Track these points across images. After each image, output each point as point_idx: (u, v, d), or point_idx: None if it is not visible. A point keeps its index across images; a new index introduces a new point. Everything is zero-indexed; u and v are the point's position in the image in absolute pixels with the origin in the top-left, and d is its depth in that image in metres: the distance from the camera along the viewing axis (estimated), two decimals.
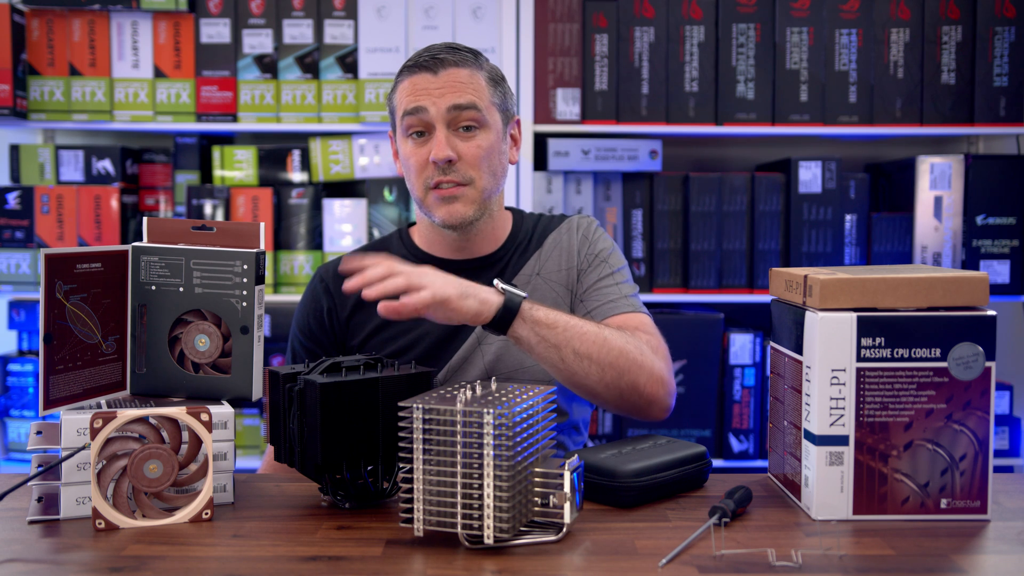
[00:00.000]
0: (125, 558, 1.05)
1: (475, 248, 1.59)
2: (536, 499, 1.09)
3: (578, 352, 1.36)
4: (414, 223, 1.68)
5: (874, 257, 2.47)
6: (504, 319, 1.34)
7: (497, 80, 1.55)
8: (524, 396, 1.10)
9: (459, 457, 1.04)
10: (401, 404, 1.07)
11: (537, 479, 1.08)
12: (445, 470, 1.05)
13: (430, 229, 1.59)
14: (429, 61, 1.50)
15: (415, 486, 1.06)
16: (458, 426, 1.04)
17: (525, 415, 1.07)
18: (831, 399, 1.16)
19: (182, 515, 1.16)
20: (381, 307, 1.27)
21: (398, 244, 1.64)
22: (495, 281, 1.37)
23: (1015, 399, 2.54)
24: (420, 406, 1.05)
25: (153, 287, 1.28)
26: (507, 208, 1.67)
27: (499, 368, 1.53)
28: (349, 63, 2.45)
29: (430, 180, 1.50)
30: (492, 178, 1.53)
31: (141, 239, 1.53)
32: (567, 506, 1.08)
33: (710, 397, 2.45)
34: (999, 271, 2.44)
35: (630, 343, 1.40)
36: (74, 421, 1.17)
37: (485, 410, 1.03)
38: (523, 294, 1.36)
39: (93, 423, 1.12)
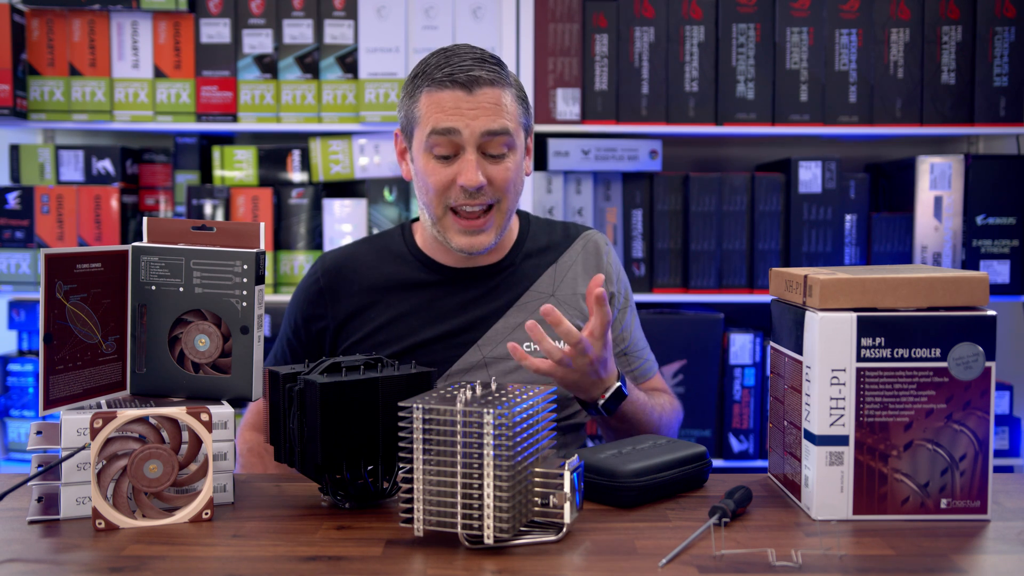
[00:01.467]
0: (125, 558, 1.05)
1: (479, 258, 1.56)
2: (536, 499, 1.09)
3: (640, 425, 1.52)
4: (416, 219, 1.65)
5: (874, 257, 2.47)
6: (615, 401, 1.45)
7: (523, 98, 1.51)
8: (524, 396, 1.10)
9: (459, 457, 1.04)
10: (401, 404, 1.07)
11: (537, 479, 1.08)
12: (445, 470, 1.05)
13: (434, 238, 1.56)
14: (464, 79, 1.43)
15: (415, 486, 1.06)
16: (458, 426, 1.04)
17: (525, 415, 1.07)
18: (831, 399, 1.16)
19: (182, 515, 1.16)
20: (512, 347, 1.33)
21: (399, 241, 1.61)
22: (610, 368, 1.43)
23: (1015, 399, 2.54)
24: (420, 406, 1.05)
25: (153, 287, 1.28)
26: None
27: None
28: (349, 63, 2.45)
29: (451, 201, 1.47)
30: (515, 197, 1.51)
31: (141, 239, 1.53)
32: (567, 506, 1.08)
33: (710, 397, 2.45)
34: (999, 271, 2.44)
35: (671, 417, 1.61)
36: (74, 421, 1.17)
37: (485, 410, 1.03)
38: (626, 392, 1.47)
39: (93, 423, 1.12)
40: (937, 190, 2.45)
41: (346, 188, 2.61)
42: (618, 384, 1.43)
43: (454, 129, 1.43)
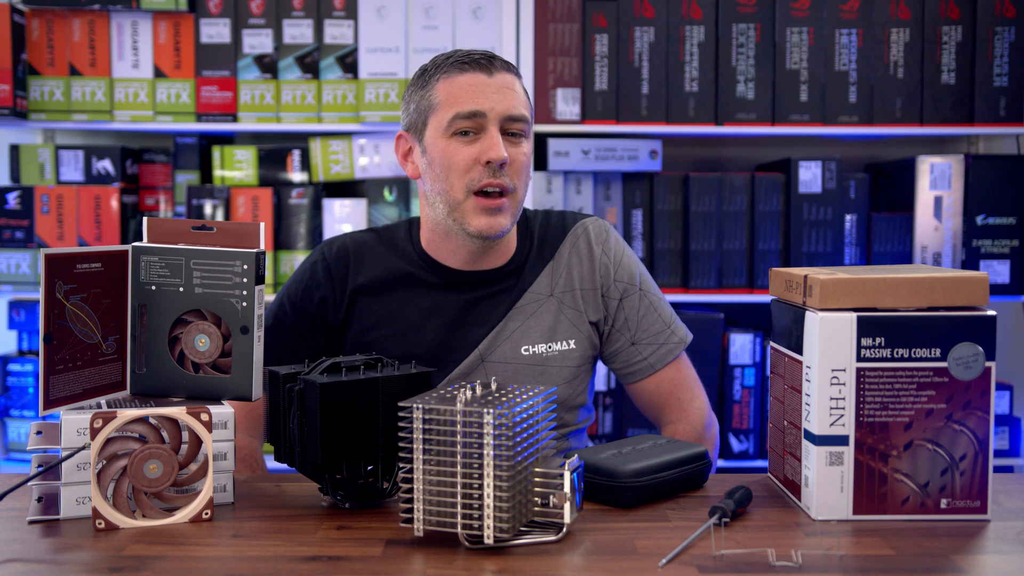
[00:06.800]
0: (125, 558, 1.05)
1: (487, 260, 1.53)
2: (536, 499, 1.09)
3: None
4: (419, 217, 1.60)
5: (874, 257, 2.47)
6: None
7: (527, 92, 1.54)
8: (524, 396, 1.10)
9: (459, 457, 1.04)
10: (401, 404, 1.07)
11: (537, 479, 1.08)
12: (445, 470, 1.05)
13: (443, 237, 1.52)
14: (483, 59, 1.46)
15: (415, 486, 1.06)
16: (458, 426, 1.04)
17: (525, 415, 1.07)
18: (831, 399, 1.16)
19: (182, 515, 1.16)
20: None
21: (405, 238, 1.57)
22: None
23: (1015, 399, 2.54)
24: (420, 406, 1.05)
25: (153, 287, 1.28)
26: None
27: None
28: (349, 63, 2.45)
29: (476, 181, 1.44)
30: (525, 190, 1.51)
31: (141, 239, 1.53)
32: (567, 506, 1.08)
33: (710, 397, 2.45)
34: (999, 271, 2.44)
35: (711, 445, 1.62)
36: (74, 421, 1.17)
37: (485, 410, 1.03)
38: None
39: (93, 423, 1.12)
40: (937, 190, 2.45)
41: (346, 188, 2.61)
42: None
43: (479, 107, 1.44)
